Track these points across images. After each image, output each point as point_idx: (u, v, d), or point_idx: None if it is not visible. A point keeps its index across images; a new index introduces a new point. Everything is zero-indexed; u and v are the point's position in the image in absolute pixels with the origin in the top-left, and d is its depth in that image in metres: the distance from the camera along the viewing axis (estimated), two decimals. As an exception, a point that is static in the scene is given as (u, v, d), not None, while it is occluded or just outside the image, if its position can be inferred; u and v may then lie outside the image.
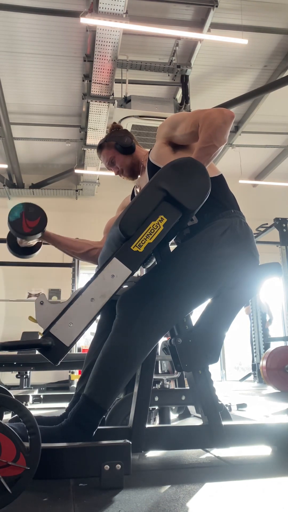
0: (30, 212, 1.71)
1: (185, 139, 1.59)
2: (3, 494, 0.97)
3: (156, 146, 1.68)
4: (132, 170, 1.88)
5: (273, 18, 5.31)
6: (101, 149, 1.90)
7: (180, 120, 1.59)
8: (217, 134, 1.44)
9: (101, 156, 1.92)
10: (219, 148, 1.46)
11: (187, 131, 1.55)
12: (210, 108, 1.55)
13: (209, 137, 1.44)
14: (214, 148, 1.45)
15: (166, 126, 1.64)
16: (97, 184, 8.33)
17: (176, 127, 1.59)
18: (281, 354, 4.86)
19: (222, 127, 1.45)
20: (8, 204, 8.36)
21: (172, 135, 1.62)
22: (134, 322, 1.36)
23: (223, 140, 1.46)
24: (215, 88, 6.52)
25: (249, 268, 1.50)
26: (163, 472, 1.40)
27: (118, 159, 1.87)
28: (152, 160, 1.67)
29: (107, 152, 1.88)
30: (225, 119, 1.45)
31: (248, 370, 7.45)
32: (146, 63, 5.74)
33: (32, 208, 1.73)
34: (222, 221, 1.52)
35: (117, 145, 1.84)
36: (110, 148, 1.87)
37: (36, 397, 4.35)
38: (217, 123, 1.45)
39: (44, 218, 1.74)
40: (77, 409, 1.32)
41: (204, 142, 1.45)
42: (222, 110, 1.48)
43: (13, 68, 5.98)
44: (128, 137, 1.85)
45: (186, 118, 1.56)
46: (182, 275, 1.43)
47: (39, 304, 1.28)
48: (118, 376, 1.33)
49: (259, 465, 1.43)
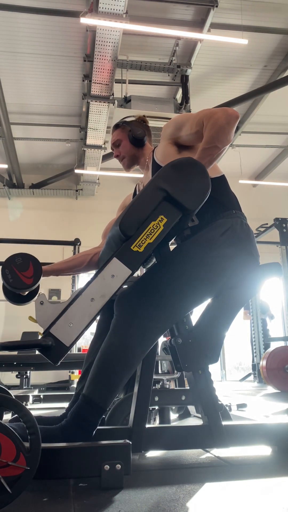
0: (19, 264, 1.59)
1: (190, 139, 1.59)
2: (3, 494, 0.97)
3: (161, 146, 1.68)
4: (131, 161, 1.88)
5: (273, 18, 5.31)
6: (116, 128, 1.90)
7: (185, 120, 1.59)
8: (219, 135, 1.43)
9: (113, 133, 1.92)
10: (222, 149, 1.45)
11: (192, 131, 1.54)
12: (215, 108, 1.54)
13: (211, 138, 1.44)
14: (217, 149, 1.44)
15: (171, 127, 1.64)
16: (97, 184, 8.33)
17: (182, 128, 1.59)
18: (281, 354, 4.86)
19: (225, 128, 1.44)
20: (8, 204, 8.37)
21: (177, 136, 1.62)
22: (132, 321, 1.36)
23: (226, 141, 1.45)
24: (215, 88, 6.52)
25: (249, 269, 1.50)
26: (163, 472, 1.40)
27: (124, 145, 1.86)
28: (157, 160, 1.67)
29: (118, 133, 1.88)
30: (229, 120, 1.44)
31: (248, 370, 7.45)
32: (146, 63, 5.74)
33: (18, 258, 1.60)
34: (223, 221, 1.52)
35: (130, 133, 1.84)
36: (124, 131, 1.87)
37: (36, 397, 4.35)
38: (220, 124, 1.43)
39: (35, 261, 1.61)
40: (76, 409, 1.32)
41: (207, 143, 1.44)
42: (227, 110, 1.47)
43: (13, 68, 5.98)
44: (143, 131, 1.84)
45: (190, 118, 1.56)
46: (181, 274, 1.43)
47: (39, 304, 1.28)
48: (117, 375, 1.33)
49: (259, 465, 1.43)
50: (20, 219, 8.19)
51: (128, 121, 1.89)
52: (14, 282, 1.55)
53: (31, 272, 1.56)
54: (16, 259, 1.56)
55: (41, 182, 8.33)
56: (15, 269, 1.56)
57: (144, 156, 1.86)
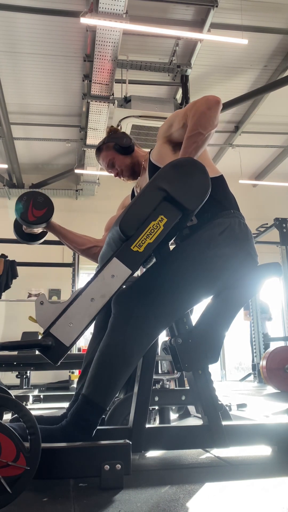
0: (38, 202, 1.77)
1: (181, 134, 1.57)
2: (3, 494, 0.97)
3: (157, 147, 1.68)
4: (132, 170, 1.88)
5: (273, 18, 5.31)
6: (99, 151, 1.90)
7: (175, 117, 1.59)
8: (201, 121, 1.44)
9: (100, 159, 1.91)
10: (207, 135, 1.45)
11: (180, 126, 1.55)
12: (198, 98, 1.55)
13: (194, 125, 1.44)
14: (201, 135, 1.44)
15: (164, 125, 1.65)
16: (97, 184, 8.33)
17: (172, 125, 1.60)
18: (281, 354, 4.86)
19: (206, 113, 1.44)
20: (8, 204, 8.37)
21: (169, 133, 1.62)
22: (130, 320, 1.36)
23: (209, 126, 1.45)
24: (215, 88, 6.52)
25: (247, 268, 1.50)
26: (163, 472, 1.40)
27: (117, 159, 1.86)
28: (153, 160, 1.67)
29: (106, 154, 1.88)
30: (209, 105, 1.45)
31: (248, 370, 7.45)
32: (146, 63, 5.74)
33: (41, 198, 1.78)
34: (221, 221, 1.52)
35: (116, 146, 1.84)
36: (109, 149, 1.87)
37: (36, 397, 4.35)
38: (201, 110, 1.45)
39: (51, 210, 1.79)
40: (76, 409, 1.32)
41: (190, 131, 1.45)
42: (207, 96, 1.48)
43: (13, 68, 5.98)
44: (127, 138, 1.85)
45: (179, 114, 1.57)
46: (178, 273, 1.43)
47: (39, 304, 1.28)
48: (116, 374, 1.33)
49: (259, 465, 1.43)
50: (20, 219, 8.18)
51: (107, 140, 1.89)
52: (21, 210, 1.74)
53: (40, 214, 1.74)
54: (39, 196, 1.76)
55: (41, 182, 8.33)
56: (31, 202, 1.76)
57: (139, 159, 1.86)
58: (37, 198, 1.77)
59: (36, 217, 1.76)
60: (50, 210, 1.79)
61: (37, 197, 1.78)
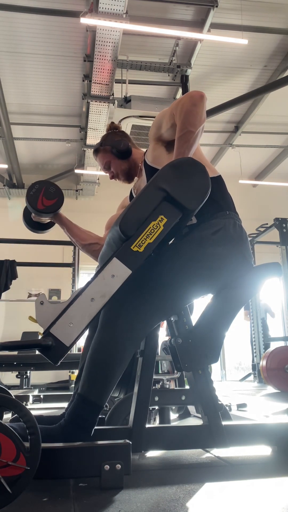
0: (50, 191, 1.81)
1: (171, 134, 1.57)
2: (3, 494, 0.97)
3: (150, 148, 1.68)
4: (128, 174, 1.87)
5: (273, 18, 5.31)
6: (97, 153, 1.90)
7: (162, 116, 1.59)
8: (189, 118, 1.43)
9: (97, 159, 1.92)
10: (196, 132, 1.45)
11: (168, 126, 1.55)
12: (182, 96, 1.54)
13: (182, 124, 1.44)
14: (191, 133, 1.44)
15: (153, 127, 1.64)
16: (97, 184, 8.33)
17: (161, 125, 1.59)
18: (281, 354, 4.86)
19: (192, 110, 1.44)
20: (8, 204, 8.37)
21: (159, 134, 1.62)
22: (119, 315, 1.35)
23: (198, 122, 1.44)
24: (215, 88, 6.52)
25: (240, 270, 1.49)
26: (163, 472, 1.40)
27: (114, 163, 1.86)
28: (149, 162, 1.67)
29: (103, 156, 1.87)
30: (194, 101, 1.44)
31: (248, 370, 7.45)
32: (146, 63, 5.74)
33: (53, 188, 1.82)
34: (217, 221, 1.51)
35: (113, 150, 1.83)
36: (106, 152, 1.86)
37: (36, 397, 4.35)
38: (187, 108, 1.44)
39: (60, 200, 1.83)
40: (73, 408, 1.32)
41: (180, 130, 1.45)
42: (191, 93, 1.47)
43: (13, 68, 5.98)
44: (125, 141, 1.83)
45: (166, 114, 1.56)
46: (171, 270, 1.43)
47: (39, 304, 1.28)
48: (110, 371, 1.33)
49: (259, 465, 1.43)
50: (20, 219, 8.16)
51: (104, 142, 1.87)
52: (32, 197, 1.78)
53: (49, 203, 1.80)
54: (51, 186, 1.79)
55: (41, 182, 8.33)
56: (42, 191, 1.80)
57: (136, 161, 1.85)
58: (48, 188, 1.81)
59: (45, 206, 1.81)
60: (60, 201, 1.83)
61: (49, 187, 1.82)
